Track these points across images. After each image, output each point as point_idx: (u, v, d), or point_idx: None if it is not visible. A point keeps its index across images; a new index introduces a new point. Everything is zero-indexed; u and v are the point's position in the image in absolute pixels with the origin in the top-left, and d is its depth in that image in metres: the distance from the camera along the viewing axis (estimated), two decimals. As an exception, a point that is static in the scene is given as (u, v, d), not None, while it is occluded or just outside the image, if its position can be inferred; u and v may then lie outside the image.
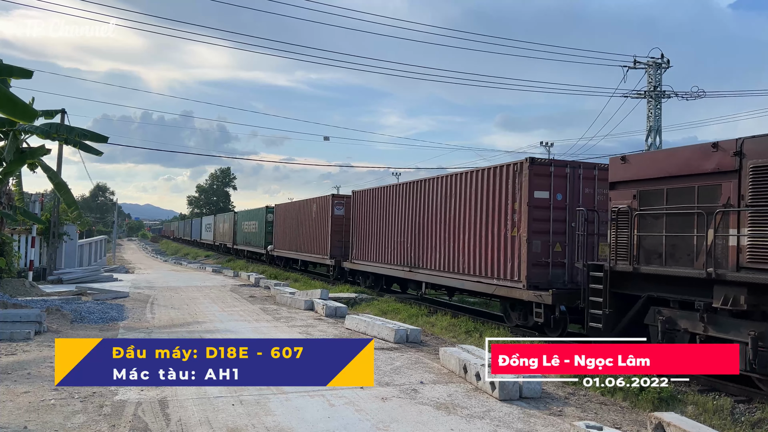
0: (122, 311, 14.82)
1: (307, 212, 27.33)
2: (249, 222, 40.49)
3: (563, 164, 12.74)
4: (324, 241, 24.63)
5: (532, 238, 12.10)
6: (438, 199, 15.93)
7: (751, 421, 7.24)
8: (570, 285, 12.06)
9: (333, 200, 24.27)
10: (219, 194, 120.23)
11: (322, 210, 25.10)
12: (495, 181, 13.33)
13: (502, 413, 6.94)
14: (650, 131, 30.16)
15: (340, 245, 23.38)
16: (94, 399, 7.06)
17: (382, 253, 19.29)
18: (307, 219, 27.19)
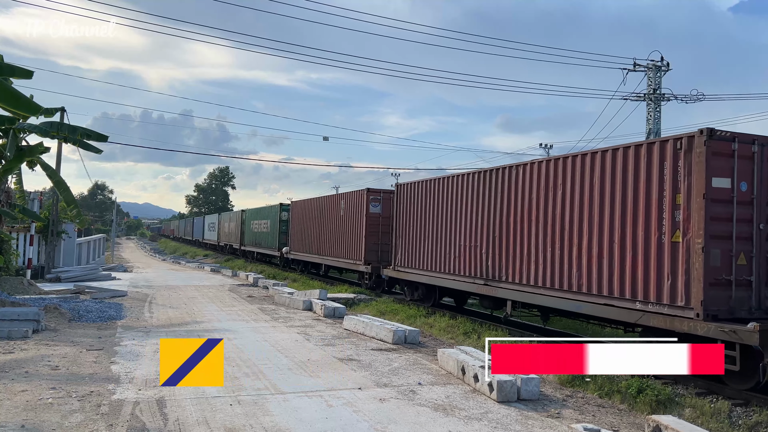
0: (120, 310, 14.81)
1: (332, 210, 24.14)
2: (259, 221, 37.15)
3: (749, 140, 8.95)
4: (356, 244, 21.42)
5: (710, 245, 8.62)
6: (533, 191, 12.23)
7: (748, 425, 7.25)
8: (758, 313, 8.68)
9: (368, 196, 20.81)
10: (218, 193, 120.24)
11: (353, 207, 21.84)
12: (637, 165, 9.81)
13: (500, 415, 6.94)
14: (649, 134, 30.17)
15: (376, 249, 20.29)
16: (91, 398, 7.05)
17: (442, 260, 15.58)
18: (333, 218, 23.96)
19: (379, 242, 20.29)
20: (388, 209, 19.87)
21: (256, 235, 38.12)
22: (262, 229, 36.37)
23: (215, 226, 55.07)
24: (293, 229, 29.93)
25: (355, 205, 21.67)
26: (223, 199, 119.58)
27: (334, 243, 23.71)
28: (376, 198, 20.73)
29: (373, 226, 20.57)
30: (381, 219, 20.45)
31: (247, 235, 40.68)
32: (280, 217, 32.35)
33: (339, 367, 9.21)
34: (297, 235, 29.23)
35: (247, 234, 40.95)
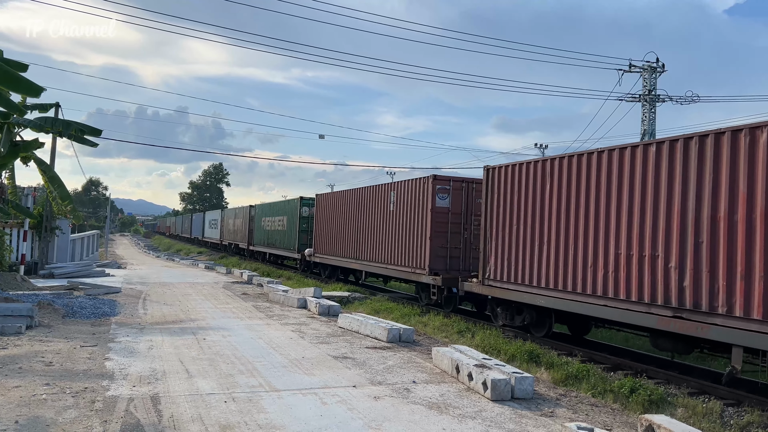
0: (114, 307, 14.77)
1: (378, 204, 19.73)
2: (273, 218, 32.83)
3: None
4: (416, 248, 16.88)
5: None
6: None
7: (740, 425, 7.30)
8: None
9: (434, 185, 16.27)
10: (212, 190, 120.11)
11: (411, 200, 17.40)
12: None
13: (493, 413, 6.97)
14: (644, 135, 30.29)
15: (444, 254, 16.18)
16: (85, 394, 7.04)
17: (574, 273, 11.08)
18: (378, 213, 19.64)
19: (448, 245, 16.11)
20: (458, 202, 16.27)
21: (268, 234, 33.90)
22: (277, 227, 31.91)
23: (217, 223, 51.02)
24: (318, 227, 25.59)
25: (414, 197, 17.21)
26: (218, 196, 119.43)
27: (379, 245, 19.32)
28: (444, 188, 16.24)
29: (441, 225, 16.15)
30: (450, 215, 16.20)
31: (258, 233, 36.57)
32: (300, 214, 28.13)
33: (333, 365, 9.22)
34: (323, 234, 24.89)
35: (257, 232, 36.79)
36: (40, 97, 11.01)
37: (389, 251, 18.60)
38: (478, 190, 15.76)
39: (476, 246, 14.84)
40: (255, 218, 37.54)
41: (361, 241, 20.86)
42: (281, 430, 6.03)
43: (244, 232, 39.81)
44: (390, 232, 18.65)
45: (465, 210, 16.33)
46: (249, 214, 38.93)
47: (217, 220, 51.15)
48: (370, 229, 20.27)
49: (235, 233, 43.25)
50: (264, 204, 36.89)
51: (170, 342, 10.59)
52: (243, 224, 40.31)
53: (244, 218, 40.06)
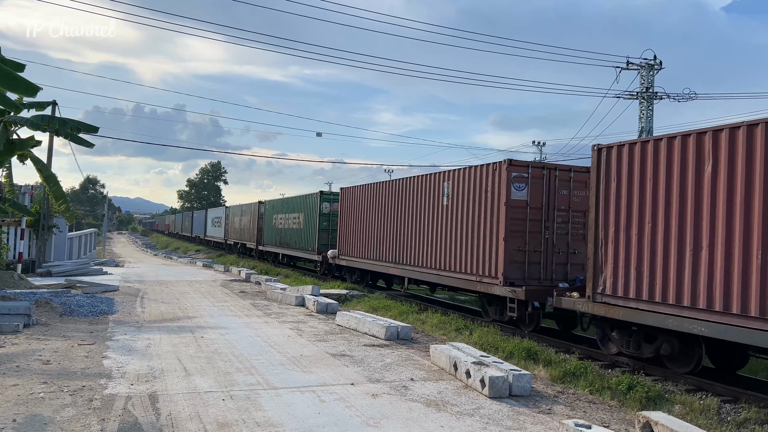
0: (112, 305, 14.75)
1: (424, 197, 16.50)
2: (287, 215, 30.06)
3: None
4: (483, 251, 13.70)
5: None
6: None
7: (737, 421, 7.33)
8: None
9: (510, 172, 13.06)
10: (210, 188, 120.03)
11: (476, 190, 14.13)
12: None
13: (491, 411, 6.98)
14: (642, 132, 30.32)
15: (522, 259, 13.11)
16: (83, 393, 7.03)
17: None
18: (424, 209, 16.48)
19: (526, 248, 13.08)
20: (537, 194, 13.22)
21: (281, 233, 30.93)
22: (292, 225, 29.05)
23: (221, 221, 47.78)
24: (344, 225, 22.56)
25: (480, 188, 14.00)
26: (215, 194, 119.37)
27: (427, 247, 16.18)
28: (521, 175, 13.12)
29: (517, 222, 13.09)
30: (529, 210, 13.13)
31: (268, 232, 33.59)
32: (319, 210, 25.24)
33: (331, 362, 9.23)
34: (351, 234, 21.84)
35: (267, 231, 33.88)
36: (37, 95, 10.97)
37: (442, 255, 15.40)
38: (562, 178, 13.46)
39: (560, 249, 13.35)
40: (265, 215, 34.65)
41: (403, 242, 17.71)
42: (279, 428, 6.04)
43: (252, 231, 36.78)
44: (443, 231, 15.40)
45: (546, 203, 13.31)
46: (258, 211, 35.83)
47: (221, 217, 47.92)
48: (414, 228, 17.04)
49: (241, 232, 40.31)
50: (275, 200, 33.63)
51: (168, 340, 10.59)
52: (251, 222, 37.19)
53: (252, 215, 36.97)
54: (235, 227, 42.45)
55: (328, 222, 25.18)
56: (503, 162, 13.31)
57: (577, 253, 13.42)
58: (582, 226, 13.35)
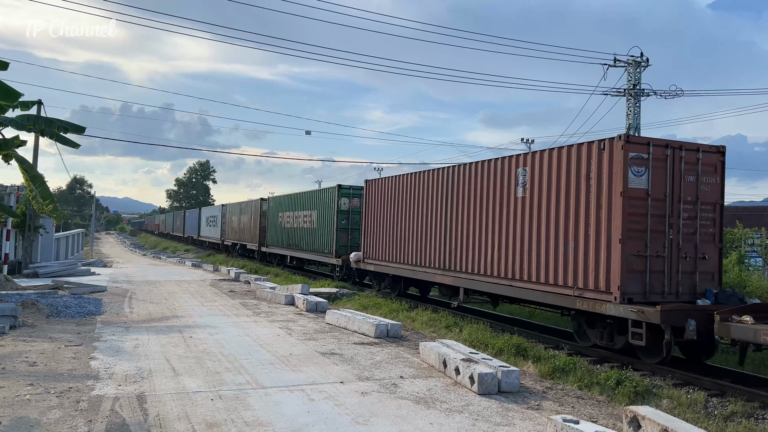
0: (100, 305, 14.65)
1: (489, 188, 13.19)
2: (296, 213, 26.96)
3: None
4: (585, 257, 10.46)
5: None
6: None
7: (724, 415, 7.39)
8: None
9: (626, 152, 9.82)
10: (198, 188, 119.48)
11: (569, 177, 10.92)
12: None
13: (480, 407, 7.00)
14: (629, 129, 30.50)
15: (643, 267, 9.83)
16: (70, 394, 6.98)
17: None
18: (490, 203, 13.13)
19: (647, 253, 9.84)
20: (660, 181, 10.03)
21: (290, 234, 27.72)
22: (302, 224, 25.91)
23: (217, 220, 44.52)
24: (371, 224, 19.10)
25: (578, 173, 10.73)
26: (204, 193, 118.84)
27: (494, 251, 12.84)
28: (640, 157, 9.92)
29: (637, 218, 9.87)
30: (650, 202, 9.95)
31: (273, 232, 30.46)
32: (337, 207, 22.06)
33: (321, 361, 9.21)
34: (380, 234, 18.43)
35: (272, 231, 30.76)
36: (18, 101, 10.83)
37: (515, 260, 12.19)
38: (689, 161, 10.30)
39: (687, 254, 10.17)
40: (269, 214, 31.35)
41: (456, 245, 14.32)
42: (268, 427, 6.02)
43: (254, 231, 33.44)
44: (516, 230, 12.19)
45: (670, 193, 10.14)
46: (260, 209, 32.59)
47: (217, 216, 44.50)
48: (472, 227, 13.72)
49: (240, 232, 37.05)
50: (282, 196, 30.18)
51: (156, 340, 10.53)
52: (251, 221, 33.92)
53: (254, 214, 33.56)
54: (233, 227, 39.27)
55: (348, 220, 22.11)
56: (618, 139, 9.97)
57: (707, 259, 10.35)
58: (712, 224, 10.46)
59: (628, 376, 8.61)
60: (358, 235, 20.96)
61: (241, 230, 36.85)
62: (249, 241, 34.67)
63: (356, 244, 21.20)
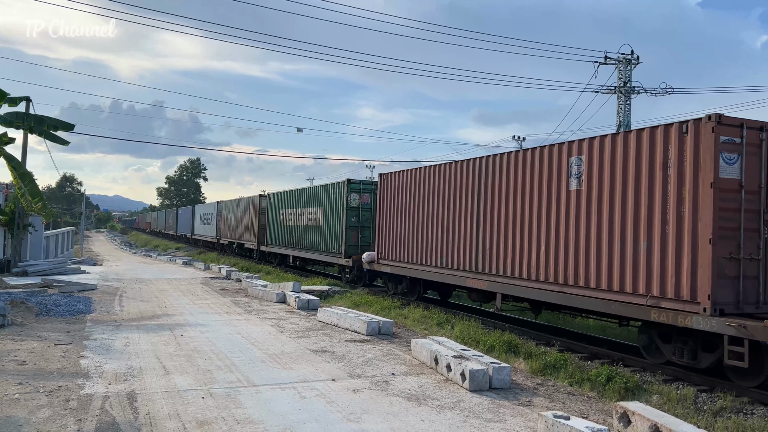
0: (90, 304, 14.56)
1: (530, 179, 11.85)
2: (299, 209, 25.31)
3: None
4: (661, 260, 9.01)
5: None
6: None
7: (713, 410, 7.44)
8: None
9: (717, 134, 8.35)
10: (189, 185, 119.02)
11: (644, 165, 9.44)
12: None
13: (472, 404, 7.01)
14: (620, 126, 30.63)
15: (736, 272, 8.45)
16: (59, 393, 6.93)
17: None
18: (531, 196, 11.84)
19: (740, 255, 8.48)
20: (754, 170, 8.65)
21: (292, 232, 26.14)
22: (307, 221, 24.30)
23: (212, 218, 42.72)
24: (386, 221, 17.56)
25: (651, 161, 9.34)
26: (195, 191, 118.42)
27: (541, 252, 11.41)
28: (732, 141, 8.54)
29: (729, 214, 8.49)
30: (744, 195, 8.56)
31: (274, 230, 28.91)
32: (347, 203, 20.47)
33: (312, 358, 9.20)
34: (398, 232, 16.86)
35: (272, 229, 29.29)
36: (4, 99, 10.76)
37: (567, 262, 10.73)
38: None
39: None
40: (268, 211, 30.00)
41: (492, 244, 12.79)
42: (259, 425, 6.01)
43: (252, 229, 31.87)
44: (569, 227, 10.76)
45: (766, 185, 8.73)
46: (258, 206, 31.04)
47: (212, 214, 42.59)
48: (512, 224, 12.25)
49: (237, 230, 35.29)
50: (283, 192, 28.66)
51: (147, 339, 10.48)
52: (249, 219, 32.33)
53: (252, 211, 31.92)
54: (229, 225, 37.43)
55: (358, 218, 20.57)
56: (706, 120, 8.51)
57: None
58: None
59: (618, 372, 8.66)
60: (369, 234, 20.24)
61: (238, 228, 35.05)
62: (247, 239, 33.18)
63: (366, 243, 20.27)
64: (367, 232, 20.36)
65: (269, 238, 29.64)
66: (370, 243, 19.69)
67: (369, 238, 20.05)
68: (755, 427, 6.69)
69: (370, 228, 20.09)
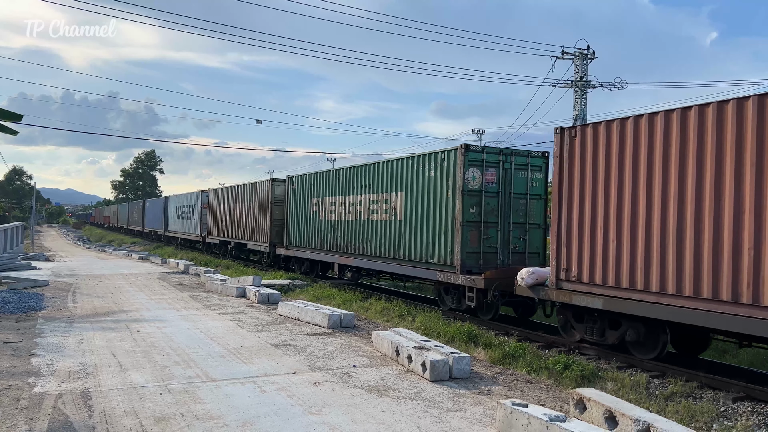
0: (41, 300, 14.12)
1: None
2: (355, 197, 17.27)
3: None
4: None
5: None
6: None
7: (665, 395, 7.69)
8: None
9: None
10: (145, 178, 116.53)
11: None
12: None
13: (432, 394, 7.08)
14: (576, 120, 31.24)
15: None
16: (9, 392, 6.71)
17: None
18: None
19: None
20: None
21: (337, 230, 18.26)
22: (370, 215, 16.35)
23: (193, 210, 35.66)
24: (578, 211, 9.82)
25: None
26: (151, 184, 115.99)
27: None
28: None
29: None
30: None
31: (300, 227, 21.12)
32: (463, 184, 12.65)
33: (273, 352, 9.13)
34: (639, 227, 8.84)
35: (297, 226, 21.43)
36: None
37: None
38: None
39: None
40: (290, 200, 22.24)
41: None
42: (219, 420, 5.93)
43: (260, 226, 24.81)
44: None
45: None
46: (270, 194, 23.68)
47: (194, 206, 35.42)
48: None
49: (234, 226, 28.26)
50: (318, 173, 20.19)
51: (102, 335, 10.22)
52: (256, 212, 25.29)
53: (260, 201, 24.93)
54: (220, 219, 30.42)
55: (480, 207, 12.76)
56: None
57: None
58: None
59: (575, 360, 8.85)
60: (496, 234, 12.90)
61: (236, 224, 27.96)
62: (251, 239, 25.89)
63: (493, 249, 12.84)
64: (493, 231, 12.87)
65: (291, 237, 21.93)
66: (510, 247, 13.04)
67: (497, 240, 12.91)
68: (704, 410, 6.94)
69: (496, 225, 12.92)
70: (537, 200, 13.55)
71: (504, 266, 12.87)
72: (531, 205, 13.42)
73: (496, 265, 12.85)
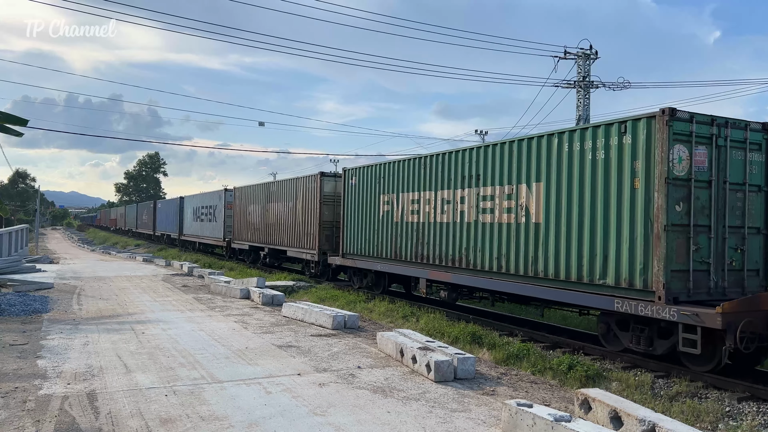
0: (46, 303, 14.17)
1: None
2: (463, 190, 12.83)
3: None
4: None
5: None
6: None
7: (669, 395, 7.69)
8: None
9: None
10: (149, 180, 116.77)
11: None
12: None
13: (437, 394, 7.08)
14: (579, 120, 31.21)
15: None
16: (16, 394, 6.74)
17: None
18: None
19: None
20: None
21: (423, 234, 14.25)
22: (486, 214, 12.20)
23: (214, 211, 31.91)
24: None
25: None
26: (155, 186, 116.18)
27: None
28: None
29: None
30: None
31: (364, 231, 16.94)
32: (669, 168, 8.41)
33: (278, 354, 9.15)
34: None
35: (359, 229, 17.22)
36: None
37: None
38: None
39: None
40: (348, 198, 17.97)
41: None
42: (224, 421, 5.95)
43: (306, 229, 20.88)
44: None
45: None
46: (319, 192, 19.92)
47: (216, 206, 31.70)
48: None
49: (268, 230, 24.65)
50: (398, 162, 15.66)
51: (107, 337, 10.26)
52: (300, 213, 21.32)
53: (306, 199, 20.98)
54: (251, 221, 26.69)
55: (688, 203, 8.72)
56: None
57: None
58: None
59: (579, 360, 8.85)
60: (707, 241, 8.86)
61: (273, 227, 24.10)
62: (293, 245, 21.98)
63: (704, 266, 8.81)
64: (704, 239, 8.83)
65: (350, 243, 17.76)
66: (741, 268, 9.15)
67: (709, 252, 8.83)
68: (709, 410, 6.94)
69: (708, 230, 8.87)
70: (756, 193, 9.36)
71: (719, 290, 8.85)
72: (750, 200, 9.26)
73: (708, 289, 8.76)
